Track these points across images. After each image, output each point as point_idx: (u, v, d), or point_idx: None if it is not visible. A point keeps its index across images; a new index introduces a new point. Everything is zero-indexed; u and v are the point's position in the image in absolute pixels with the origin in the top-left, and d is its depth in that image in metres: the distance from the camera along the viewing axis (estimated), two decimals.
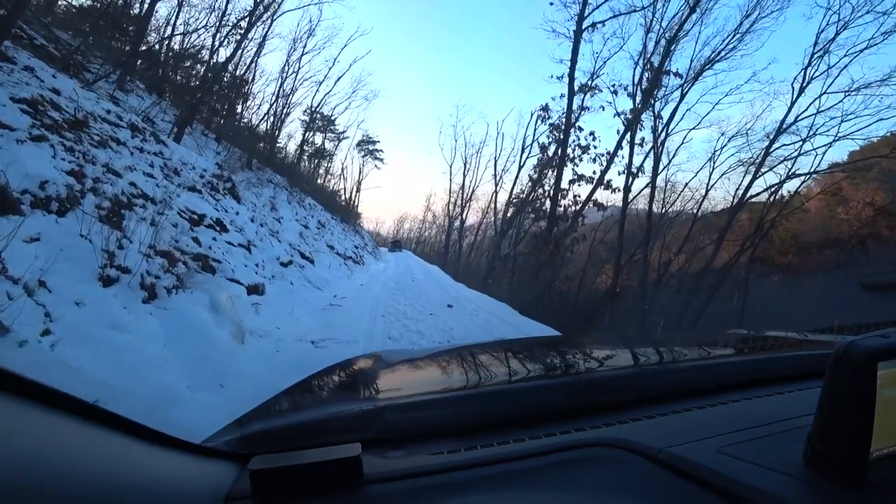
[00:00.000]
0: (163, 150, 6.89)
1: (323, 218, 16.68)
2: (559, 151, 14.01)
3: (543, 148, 15.40)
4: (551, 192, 14.18)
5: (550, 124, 15.08)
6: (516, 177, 23.31)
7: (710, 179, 19.12)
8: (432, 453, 0.61)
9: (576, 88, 13.93)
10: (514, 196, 22.52)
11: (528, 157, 22.39)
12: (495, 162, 27.22)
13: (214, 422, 0.81)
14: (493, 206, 25.46)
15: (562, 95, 14.54)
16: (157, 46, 13.32)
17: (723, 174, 19.02)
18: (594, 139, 14.48)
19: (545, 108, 14.78)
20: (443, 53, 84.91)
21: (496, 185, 25.75)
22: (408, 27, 76.62)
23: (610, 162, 14.39)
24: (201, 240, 5.31)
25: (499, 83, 79.98)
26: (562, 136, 13.75)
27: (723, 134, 19.47)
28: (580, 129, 14.18)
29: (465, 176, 33.73)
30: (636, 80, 14.83)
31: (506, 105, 79.50)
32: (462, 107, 64.73)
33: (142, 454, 0.46)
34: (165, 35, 13.52)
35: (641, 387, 0.83)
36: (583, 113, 14.42)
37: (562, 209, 13.83)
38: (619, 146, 14.63)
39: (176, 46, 14.65)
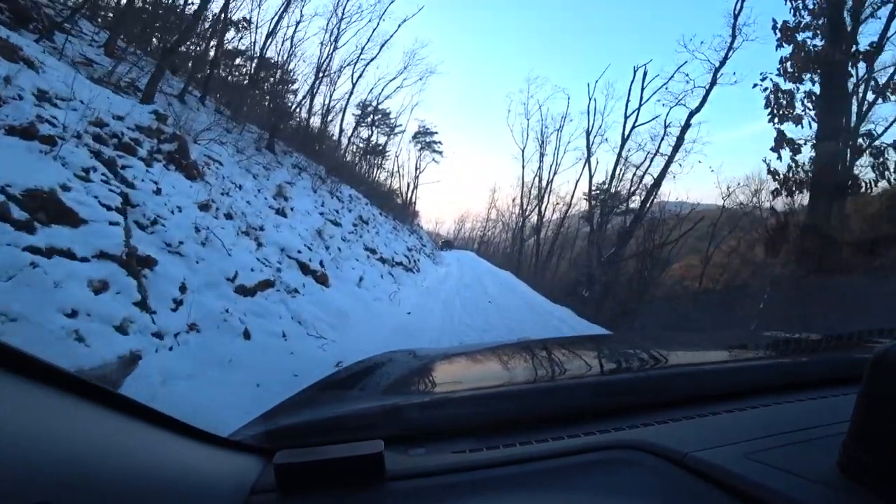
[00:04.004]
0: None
1: (367, 213, 13.05)
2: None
3: (790, 38, 8.04)
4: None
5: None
6: (618, 155, 17.21)
7: None
8: (454, 452, 0.60)
9: None
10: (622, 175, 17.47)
11: (634, 127, 17.04)
12: (587, 135, 19.28)
13: None
14: (587, 192, 18.95)
15: None
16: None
17: None
18: None
19: None
20: (507, 16, 74.55)
21: (589, 164, 19.27)
22: None
23: None
24: None
25: (579, 47, 66.37)
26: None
27: None
28: None
29: (541, 159, 26.24)
30: None
31: (590, 73, 60.62)
32: (534, 79, 54.23)
33: (171, 445, 0.47)
34: None
35: (668, 389, 0.79)
36: None
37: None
38: None
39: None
